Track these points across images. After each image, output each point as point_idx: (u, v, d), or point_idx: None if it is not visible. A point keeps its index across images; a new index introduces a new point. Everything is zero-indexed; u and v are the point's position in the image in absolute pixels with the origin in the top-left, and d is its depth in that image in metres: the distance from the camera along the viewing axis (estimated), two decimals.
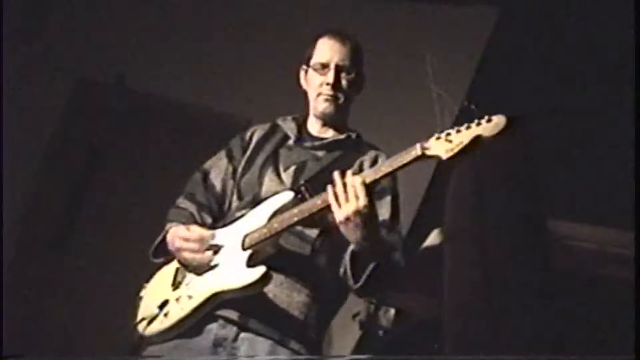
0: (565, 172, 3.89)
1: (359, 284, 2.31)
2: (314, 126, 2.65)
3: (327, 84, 2.56)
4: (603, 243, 3.47)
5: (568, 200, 3.76)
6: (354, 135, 2.63)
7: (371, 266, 2.30)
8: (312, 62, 2.61)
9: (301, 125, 2.66)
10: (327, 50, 2.59)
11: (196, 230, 2.48)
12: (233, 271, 2.39)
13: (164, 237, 2.57)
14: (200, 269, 2.45)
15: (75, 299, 4.54)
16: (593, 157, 3.91)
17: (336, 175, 2.27)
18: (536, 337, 3.11)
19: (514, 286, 3.20)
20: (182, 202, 2.67)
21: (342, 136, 2.61)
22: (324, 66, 2.58)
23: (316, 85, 2.59)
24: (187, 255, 2.47)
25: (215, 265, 2.44)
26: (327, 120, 2.62)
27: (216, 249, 2.45)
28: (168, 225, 2.58)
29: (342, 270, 2.38)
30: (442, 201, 3.43)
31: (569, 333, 3.16)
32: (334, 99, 2.57)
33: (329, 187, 2.27)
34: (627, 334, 2.64)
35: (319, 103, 2.59)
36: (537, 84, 4.10)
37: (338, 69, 2.57)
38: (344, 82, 2.58)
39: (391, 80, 4.37)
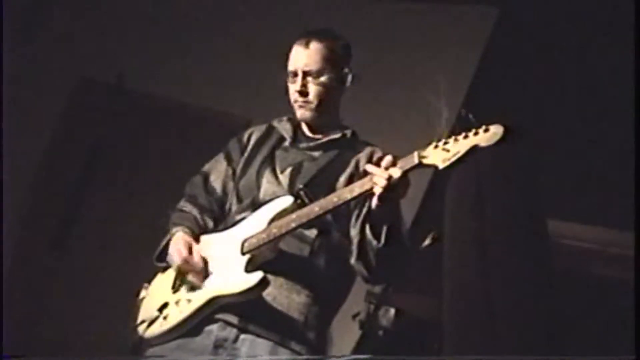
0: (566, 172, 3.89)
1: (382, 242, 2.32)
2: (306, 128, 2.65)
3: (297, 91, 2.57)
4: (603, 243, 3.47)
5: (568, 201, 3.76)
6: (348, 134, 2.63)
7: (385, 227, 2.32)
8: (287, 70, 2.62)
9: (297, 126, 2.66)
10: (293, 57, 2.59)
11: (192, 253, 2.49)
12: (231, 276, 2.40)
13: (168, 242, 2.58)
14: (187, 287, 2.48)
15: (75, 299, 4.54)
16: (593, 157, 3.91)
17: (371, 168, 2.29)
18: (536, 337, 3.11)
19: (514, 286, 3.20)
20: (184, 205, 2.67)
21: (337, 135, 2.61)
22: (294, 74, 2.58)
23: (291, 93, 2.60)
24: (173, 267, 2.51)
25: (214, 269, 2.46)
26: (310, 125, 2.62)
27: (204, 276, 2.46)
28: (173, 230, 2.59)
29: (356, 240, 2.39)
30: (442, 201, 3.44)
31: (569, 333, 3.16)
32: (305, 104, 2.57)
33: (372, 172, 2.27)
34: (628, 334, 2.64)
35: (295, 109, 2.60)
36: (537, 84, 4.10)
37: (304, 75, 2.56)
38: (314, 87, 2.55)
39: (391, 80, 4.37)
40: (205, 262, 2.48)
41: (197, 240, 2.54)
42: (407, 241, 2.43)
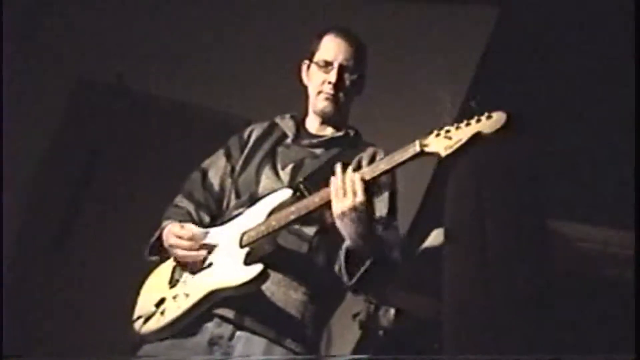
0: (566, 172, 3.89)
1: (353, 281, 2.30)
2: (312, 124, 2.64)
3: (329, 82, 2.55)
4: (604, 243, 3.46)
5: (569, 200, 3.75)
6: (352, 133, 2.63)
7: (367, 263, 2.29)
8: (316, 58, 2.59)
9: (299, 124, 2.66)
10: (332, 48, 2.58)
11: (189, 229, 2.47)
12: (230, 269, 2.39)
13: (160, 235, 2.57)
14: (194, 268, 2.45)
15: (75, 299, 4.54)
16: (594, 156, 3.90)
17: (338, 168, 2.26)
18: (536, 337, 3.11)
19: (514, 286, 3.20)
20: (180, 200, 2.67)
21: (340, 133, 2.61)
22: (328, 64, 2.56)
23: (318, 83, 2.58)
24: (180, 252, 2.47)
25: (212, 264, 2.44)
26: (325, 119, 2.61)
27: (210, 248, 2.45)
28: (164, 223, 2.58)
29: (337, 267, 2.37)
30: (442, 201, 3.43)
31: (569, 333, 3.16)
32: (334, 98, 2.56)
33: (332, 180, 2.25)
34: (628, 334, 2.63)
35: (319, 101, 2.58)
36: (537, 84, 4.10)
37: (342, 69, 2.55)
38: (346, 82, 2.56)
39: (391, 80, 4.37)
40: (201, 232, 2.47)
41: None
42: (399, 256, 2.41)
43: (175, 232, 2.48)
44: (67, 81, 4.90)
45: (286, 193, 2.42)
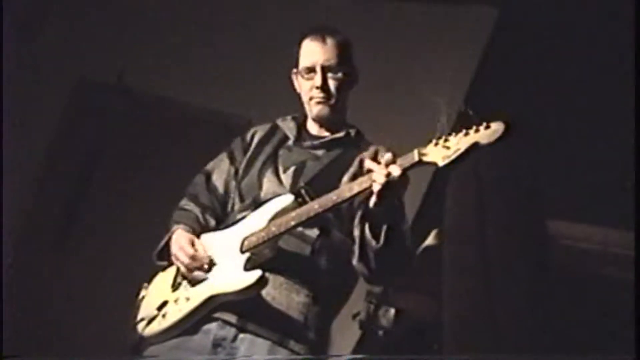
0: (566, 172, 3.89)
1: (380, 243, 2.29)
2: (313, 126, 2.65)
3: (317, 87, 2.55)
4: (603, 243, 3.47)
5: (568, 201, 3.76)
6: (352, 133, 2.63)
7: (385, 227, 2.29)
8: (300, 66, 2.60)
9: (301, 125, 2.66)
10: (310, 53, 2.57)
11: (195, 247, 2.49)
12: (230, 274, 2.41)
13: (169, 240, 2.57)
14: (192, 281, 2.47)
15: (75, 299, 4.54)
16: (593, 157, 3.90)
17: (370, 162, 2.27)
18: (536, 337, 3.11)
19: (514, 286, 3.20)
20: (186, 204, 2.67)
21: (341, 134, 2.61)
22: (311, 70, 2.56)
23: (307, 89, 2.58)
24: (179, 265, 2.50)
25: (214, 268, 2.46)
26: (323, 122, 2.61)
27: (209, 267, 2.46)
28: (175, 227, 2.59)
29: (358, 241, 2.37)
30: (442, 202, 3.43)
31: (569, 333, 3.16)
32: (325, 100, 2.56)
33: (370, 168, 2.25)
34: (628, 334, 2.64)
35: (312, 107, 2.58)
36: (537, 84, 4.10)
37: (324, 70, 2.55)
38: (333, 82, 2.55)
39: (391, 80, 4.37)
40: (205, 256, 2.48)
41: (197, 237, 2.54)
42: (409, 241, 2.42)
43: (180, 245, 2.49)
44: (67, 81, 4.91)
45: (288, 199, 2.43)
